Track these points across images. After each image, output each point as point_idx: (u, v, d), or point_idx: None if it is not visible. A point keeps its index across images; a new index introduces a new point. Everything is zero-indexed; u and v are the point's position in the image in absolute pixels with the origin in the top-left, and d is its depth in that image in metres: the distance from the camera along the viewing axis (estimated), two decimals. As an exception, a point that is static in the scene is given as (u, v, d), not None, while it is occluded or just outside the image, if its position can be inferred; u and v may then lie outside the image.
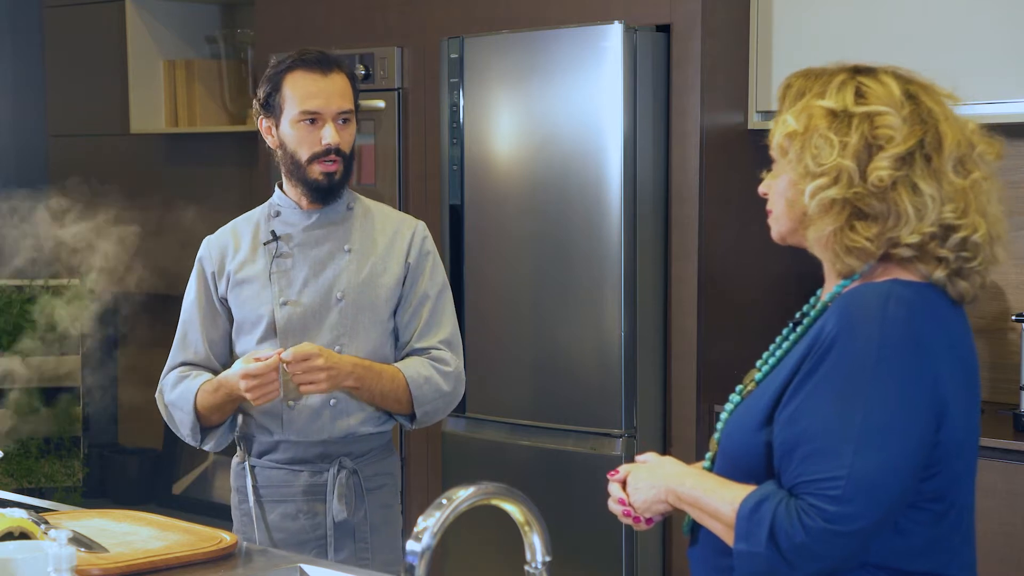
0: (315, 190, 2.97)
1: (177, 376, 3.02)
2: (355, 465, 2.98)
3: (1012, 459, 3.54)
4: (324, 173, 2.95)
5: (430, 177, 4.69)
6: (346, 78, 2.97)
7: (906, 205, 1.91)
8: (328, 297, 2.97)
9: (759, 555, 1.87)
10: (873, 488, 1.82)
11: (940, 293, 1.95)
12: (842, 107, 1.94)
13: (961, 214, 1.92)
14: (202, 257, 3.07)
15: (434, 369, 2.99)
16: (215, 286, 3.05)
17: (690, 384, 4.17)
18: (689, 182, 4.15)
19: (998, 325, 4.05)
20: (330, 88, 2.94)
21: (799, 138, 1.96)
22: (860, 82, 1.96)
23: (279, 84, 2.96)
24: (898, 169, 1.91)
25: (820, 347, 1.90)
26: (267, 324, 2.98)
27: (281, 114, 2.96)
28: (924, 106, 1.95)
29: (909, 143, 1.92)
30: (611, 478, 2.13)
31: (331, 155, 2.94)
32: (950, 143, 1.93)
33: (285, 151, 2.97)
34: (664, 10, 4.17)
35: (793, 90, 2.01)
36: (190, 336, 3.05)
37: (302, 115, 2.93)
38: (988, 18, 3.83)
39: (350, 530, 2.98)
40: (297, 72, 2.95)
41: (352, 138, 3.00)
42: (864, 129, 1.92)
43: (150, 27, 5.92)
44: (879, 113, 1.92)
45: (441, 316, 3.03)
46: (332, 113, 2.94)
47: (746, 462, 1.97)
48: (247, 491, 3.03)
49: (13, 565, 2.18)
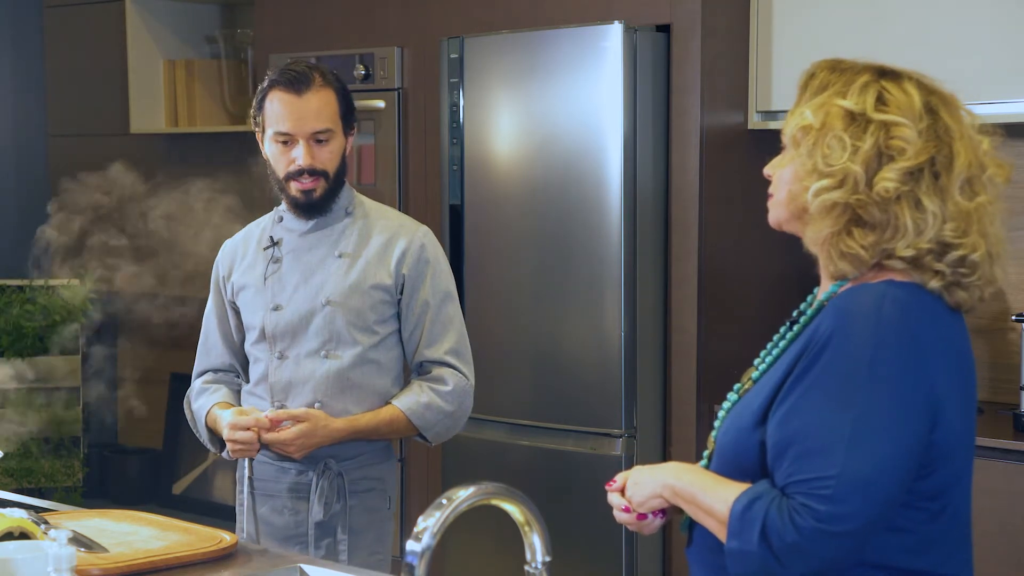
0: (295, 206, 3.01)
1: (200, 387, 3.12)
2: (341, 468, 2.99)
3: (1012, 459, 3.54)
4: (300, 191, 2.97)
5: (430, 177, 4.69)
6: (330, 93, 2.95)
7: (906, 219, 1.90)
8: (315, 302, 2.99)
9: (751, 554, 1.87)
10: (864, 488, 1.82)
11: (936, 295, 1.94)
12: (861, 110, 1.92)
13: (961, 234, 1.92)
14: (217, 262, 3.14)
15: (433, 393, 2.99)
16: (225, 290, 3.11)
17: (690, 384, 4.17)
18: (689, 182, 4.15)
19: (998, 325, 4.05)
20: (303, 109, 2.93)
21: (813, 133, 1.95)
22: (883, 87, 1.94)
23: (262, 102, 2.99)
24: (905, 183, 1.90)
25: (815, 347, 1.90)
26: (260, 328, 3.03)
27: (264, 131, 3.00)
28: (942, 122, 1.93)
29: (920, 159, 1.90)
30: (609, 489, 2.13)
31: (304, 175, 2.95)
32: (961, 163, 1.92)
33: (270, 167, 3.02)
34: (664, 10, 4.16)
35: (816, 81, 1.99)
36: (210, 342, 3.14)
37: (275, 136, 2.96)
38: (988, 18, 3.83)
39: (331, 530, 3.00)
40: (274, 91, 2.96)
41: (334, 155, 2.98)
42: (879, 137, 1.91)
43: (150, 27, 5.92)
44: (896, 124, 1.91)
45: (446, 325, 3.03)
46: (305, 134, 2.93)
47: (741, 461, 1.97)
48: (244, 481, 3.08)
49: (13, 565, 2.18)
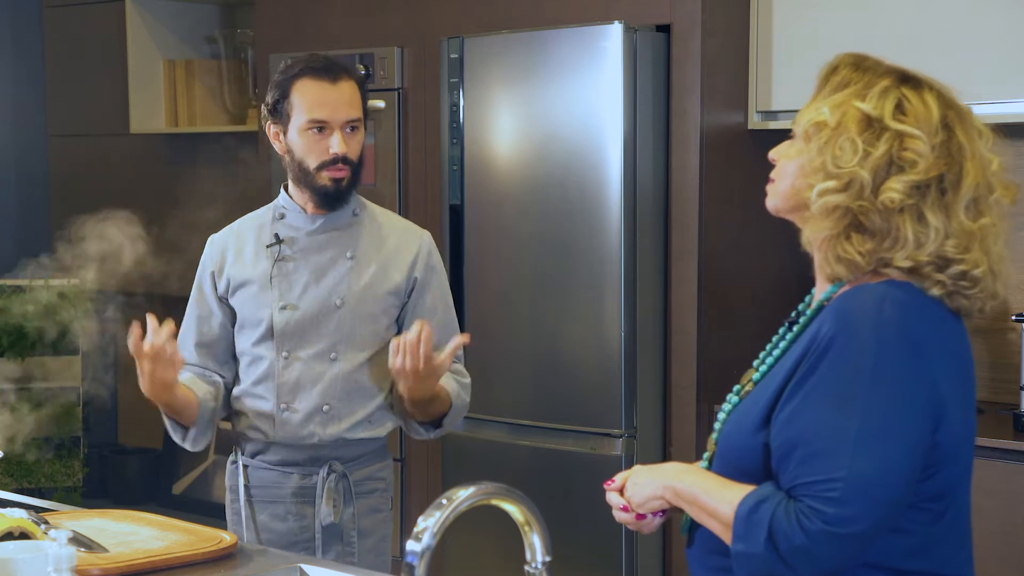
0: (323, 196, 2.96)
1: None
2: (345, 469, 2.98)
3: (1012, 459, 3.54)
4: (332, 179, 2.93)
5: (430, 177, 4.69)
6: (355, 85, 2.95)
7: (907, 231, 1.89)
8: (327, 303, 2.97)
9: (757, 556, 1.87)
10: (871, 490, 1.82)
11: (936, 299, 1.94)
12: (879, 116, 1.91)
13: (963, 251, 1.91)
14: (204, 256, 3.08)
15: (457, 383, 3.02)
16: (215, 285, 3.05)
17: (690, 384, 4.17)
18: (689, 182, 4.15)
19: (998, 325, 4.05)
20: (338, 96, 2.91)
21: (827, 131, 1.94)
22: (904, 94, 1.93)
23: (287, 91, 2.94)
24: (910, 196, 1.89)
25: (817, 349, 1.89)
26: (266, 327, 2.99)
27: (289, 121, 2.94)
28: (956, 140, 1.92)
29: (930, 174, 1.90)
30: (608, 488, 2.13)
31: (339, 163, 2.93)
32: (969, 183, 1.91)
33: (293, 158, 2.96)
34: (664, 10, 4.16)
35: (838, 77, 1.98)
36: (184, 339, 3.06)
37: (310, 123, 2.91)
38: (988, 18, 3.83)
39: (338, 533, 2.99)
40: (306, 79, 2.92)
41: (360, 145, 2.98)
42: (892, 146, 1.90)
43: (150, 27, 5.92)
44: (911, 135, 1.90)
45: (449, 331, 3.04)
46: (340, 122, 2.92)
47: (744, 463, 1.97)
48: (239, 490, 3.04)
49: (13, 565, 2.18)
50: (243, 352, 3.03)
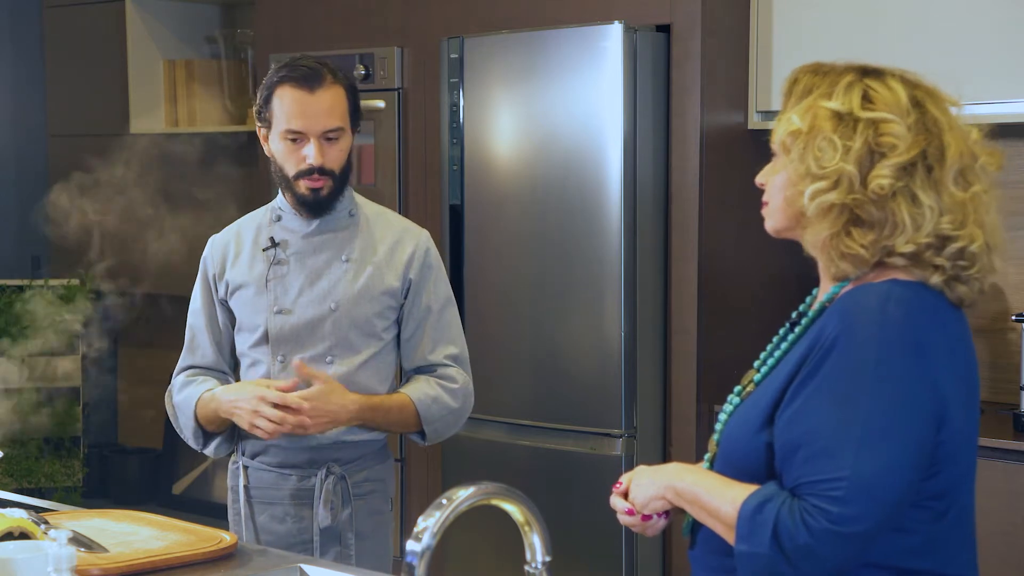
0: (303, 204, 2.95)
1: (184, 379, 3.04)
2: (344, 471, 2.98)
3: (1012, 459, 3.54)
4: (310, 189, 2.92)
5: (430, 177, 4.69)
6: (339, 91, 2.91)
7: (904, 215, 1.90)
8: (322, 307, 2.95)
9: (762, 556, 1.87)
10: (875, 489, 1.82)
11: (938, 293, 1.95)
12: (848, 110, 1.93)
13: (959, 226, 1.92)
14: (205, 258, 3.07)
15: (441, 388, 2.98)
16: (215, 288, 3.05)
17: (690, 384, 4.17)
18: (689, 182, 4.15)
19: (998, 325, 4.05)
20: (315, 106, 2.88)
21: (803, 137, 1.95)
22: (868, 85, 1.95)
23: (270, 96, 2.93)
24: (899, 179, 1.90)
25: (820, 348, 1.90)
26: (262, 331, 2.98)
27: (271, 127, 2.94)
28: (930, 115, 1.94)
29: (912, 153, 1.91)
30: (615, 491, 2.13)
31: (314, 174, 2.91)
32: (952, 155, 1.92)
33: (275, 163, 2.96)
34: (664, 10, 4.16)
35: (800, 86, 2.00)
36: (198, 340, 3.06)
37: (286, 133, 2.91)
38: (988, 18, 3.83)
39: (336, 535, 2.98)
40: (285, 87, 2.90)
41: (343, 154, 2.94)
42: (868, 135, 1.91)
43: (150, 27, 5.92)
44: (884, 120, 1.91)
45: (447, 330, 3.02)
46: (316, 132, 2.89)
47: (746, 463, 1.97)
48: (239, 491, 3.03)
49: (13, 565, 2.18)
50: (243, 354, 3.04)
